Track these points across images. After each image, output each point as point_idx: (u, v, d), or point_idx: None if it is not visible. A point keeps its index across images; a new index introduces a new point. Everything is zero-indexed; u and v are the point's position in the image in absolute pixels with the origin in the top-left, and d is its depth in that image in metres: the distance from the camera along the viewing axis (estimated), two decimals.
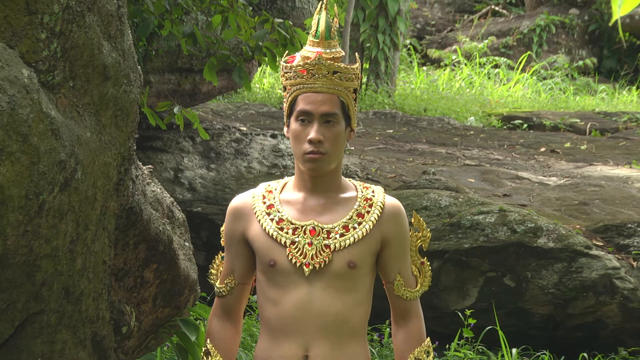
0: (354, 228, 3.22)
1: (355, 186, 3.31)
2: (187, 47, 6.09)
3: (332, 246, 3.20)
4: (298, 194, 3.28)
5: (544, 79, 18.46)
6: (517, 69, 18.36)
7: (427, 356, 3.26)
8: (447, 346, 6.62)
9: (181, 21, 6.27)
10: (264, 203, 3.29)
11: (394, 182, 9.07)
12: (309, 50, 3.22)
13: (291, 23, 5.99)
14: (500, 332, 6.51)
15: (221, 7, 5.78)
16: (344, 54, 3.25)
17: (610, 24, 4.88)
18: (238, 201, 3.35)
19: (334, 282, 3.20)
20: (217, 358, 3.35)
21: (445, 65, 19.17)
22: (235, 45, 7.69)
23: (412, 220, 3.38)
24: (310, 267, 3.19)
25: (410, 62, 19.54)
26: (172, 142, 9.07)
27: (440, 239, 7.13)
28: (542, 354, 6.74)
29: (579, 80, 18.84)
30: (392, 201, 3.30)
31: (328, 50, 3.21)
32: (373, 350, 6.51)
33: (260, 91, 15.83)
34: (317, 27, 3.23)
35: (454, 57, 19.36)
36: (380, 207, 3.25)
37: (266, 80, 16.56)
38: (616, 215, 7.98)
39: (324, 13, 3.24)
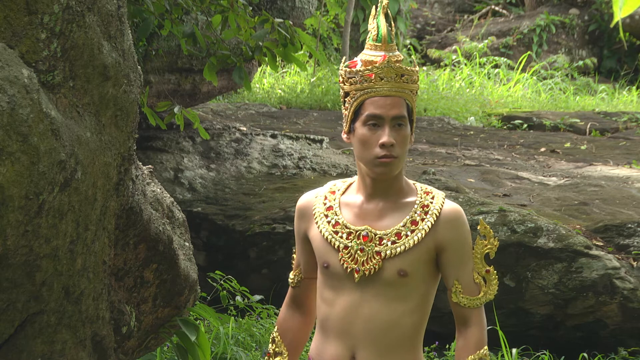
0: (406, 236, 3.20)
1: (417, 191, 3.28)
2: (187, 47, 6.09)
3: (382, 253, 3.19)
4: (358, 197, 3.27)
5: (544, 79, 18.46)
6: (517, 69, 18.36)
7: None
8: (447, 346, 6.62)
9: (181, 21, 6.28)
10: (325, 204, 3.31)
11: None
12: (372, 54, 3.21)
13: (291, 23, 5.99)
14: (500, 332, 6.51)
15: (221, 7, 5.78)
16: (402, 56, 3.24)
17: (612, 25, 4.88)
18: (303, 200, 3.38)
19: (384, 289, 3.19)
20: (282, 347, 3.41)
21: (445, 65, 19.17)
22: (235, 45, 7.69)
23: (479, 227, 3.33)
24: (360, 274, 3.19)
25: (410, 62, 19.53)
26: (172, 142, 9.07)
27: None
28: (542, 354, 6.74)
29: (579, 80, 18.84)
30: (450, 207, 3.25)
31: (391, 54, 3.21)
32: None
33: (260, 91, 15.83)
34: (378, 31, 3.22)
35: (454, 57, 19.36)
36: (436, 214, 3.21)
37: (266, 80, 16.56)
38: (616, 215, 7.99)
39: (382, 17, 3.23)
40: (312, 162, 9.37)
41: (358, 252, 3.20)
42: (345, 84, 3.25)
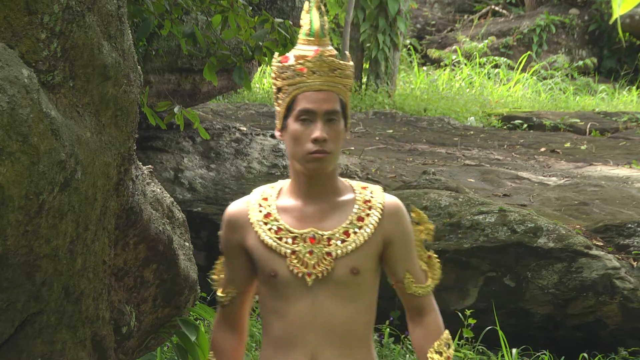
0: (355, 233, 3.12)
1: (353, 187, 3.20)
2: (187, 47, 6.09)
3: (333, 254, 3.11)
4: (295, 200, 3.16)
5: (544, 79, 18.47)
6: (517, 69, 18.36)
7: (448, 348, 3.24)
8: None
9: (181, 21, 6.28)
10: (260, 212, 3.17)
11: (394, 182, 9.07)
12: (305, 49, 3.13)
13: (291, 23, 5.99)
14: (500, 332, 6.51)
15: (221, 7, 5.78)
16: (335, 52, 3.15)
17: (610, 22, 4.88)
18: (233, 210, 3.23)
19: (338, 290, 3.11)
20: None
21: (445, 65, 19.17)
22: (235, 45, 7.69)
23: (412, 215, 3.26)
24: (313, 277, 3.10)
25: (410, 62, 19.55)
26: (172, 142, 9.07)
27: (440, 239, 7.13)
28: (542, 354, 6.74)
29: (579, 80, 18.84)
30: (391, 200, 3.19)
31: (324, 48, 3.13)
32: None
33: (260, 91, 15.84)
34: (311, 26, 3.14)
35: (454, 57, 19.36)
36: (380, 208, 3.15)
37: (266, 80, 16.56)
38: (616, 215, 7.98)
39: (314, 11, 3.15)
40: None
41: (307, 255, 3.10)
42: (277, 80, 3.17)
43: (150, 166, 4.36)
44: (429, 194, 7.62)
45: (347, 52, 3.37)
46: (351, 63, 3.17)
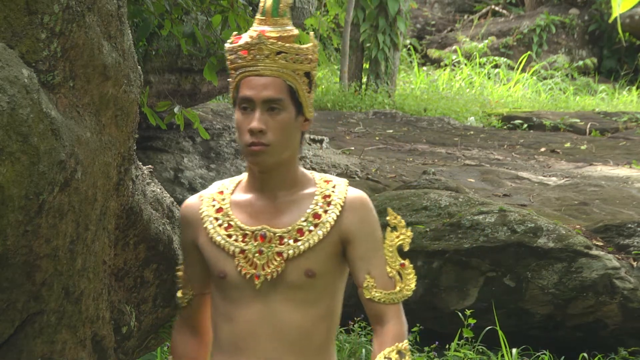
0: (310, 231, 2.82)
1: (315, 181, 2.89)
2: (187, 47, 6.09)
3: (284, 254, 2.81)
4: (248, 195, 2.89)
5: (544, 79, 18.47)
6: (517, 69, 18.36)
7: (402, 357, 2.86)
8: (447, 346, 6.62)
9: (181, 21, 6.27)
10: (213, 206, 2.91)
11: (394, 182, 9.07)
12: (254, 30, 2.83)
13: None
14: (500, 332, 6.51)
15: (221, 7, 5.78)
16: (295, 33, 2.84)
17: (610, 20, 4.87)
18: (187, 205, 2.98)
19: (292, 293, 2.81)
20: None
21: (445, 65, 19.18)
22: None
23: (388, 219, 2.97)
24: (261, 279, 2.81)
25: (410, 62, 19.55)
26: (172, 142, 9.07)
27: (440, 239, 7.13)
28: (542, 354, 6.74)
29: (579, 80, 18.85)
30: (354, 195, 2.88)
31: (273, 29, 2.81)
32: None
33: None
34: (264, 4, 2.85)
35: (454, 57, 19.37)
36: (340, 204, 2.84)
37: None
38: (616, 215, 7.99)
39: None
40: (312, 162, 9.37)
41: (256, 255, 2.82)
42: (227, 62, 2.91)
43: (150, 166, 4.36)
44: (429, 194, 7.62)
45: (311, 34, 2.99)
46: (307, 45, 2.85)
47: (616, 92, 18.01)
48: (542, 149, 11.85)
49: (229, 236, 2.85)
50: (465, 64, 18.73)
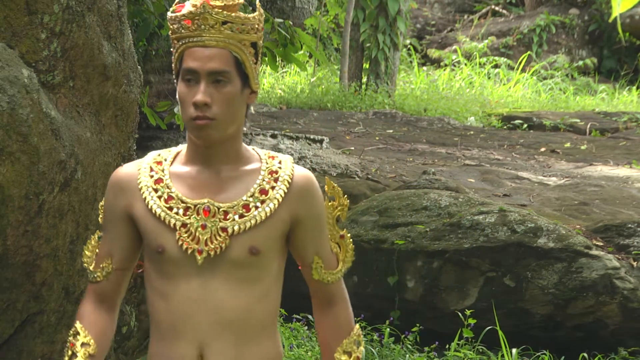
0: (256, 207, 2.69)
1: (260, 156, 2.77)
2: None
3: (229, 229, 2.68)
4: (191, 167, 2.73)
5: (544, 79, 18.48)
6: (517, 69, 18.37)
7: (358, 347, 2.84)
8: (447, 346, 6.62)
9: None
10: (152, 177, 2.74)
11: (394, 182, 9.07)
12: None
13: (291, 23, 5.99)
14: (500, 332, 6.51)
15: None
16: (240, 1, 2.71)
17: (610, 20, 4.87)
18: (122, 172, 2.78)
19: (233, 271, 2.69)
20: (88, 338, 2.79)
21: (445, 65, 19.18)
22: None
23: (326, 188, 2.84)
24: (204, 255, 2.68)
25: (410, 62, 19.55)
26: (172, 142, 9.07)
27: (440, 239, 7.13)
28: (542, 354, 6.74)
29: (579, 80, 18.85)
30: (302, 172, 2.77)
31: None
32: (373, 350, 6.52)
33: (260, 91, 15.84)
34: None
35: (454, 57, 19.37)
36: (288, 181, 2.73)
37: (266, 80, 16.57)
38: (616, 215, 7.99)
39: None
40: (312, 162, 9.37)
41: (199, 229, 2.68)
42: (170, 32, 2.74)
43: None
44: (429, 194, 7.62)
45: (257, 3, 2.80)
46: (253, 15, 2.72)
47: (616, 92, 18.01)
48: (542, 149, 11.86)
49: (170, 208, 2.70)
50: (465, 64, 18.74)
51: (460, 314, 6.71)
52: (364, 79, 15.78)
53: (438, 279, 6.99)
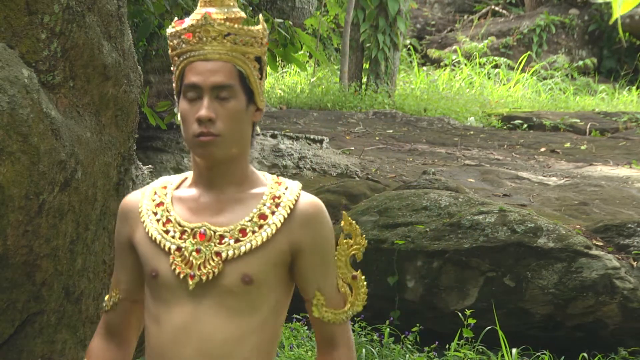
0: (253, 232, 2.55)
1: (266, 181, 2.63)
2: None
3: (223, 254, 2.54)
4: (194, 189, 2.62)
5: (544, 79, 18.48)
6: (517, 69, 18.37)
7: None
8: (447, 346, 6.62)
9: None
10: (154, 200, 2.64)
11: (394, 182, 9.07)
12: (198, 12, 2.59)
13: (291, 23, 5.99)
14: (500, 332, 6.51)
15: None
16: (243, 15, 2.62)
17: (610, 22, 4.87)
18: (127, 200, 2.71)
19: (224, 299, 2.54)
20: None
21: (445, 65, 19.19)
22: None
23: (343, 224, 2.66)
24: (196, 280, 2.54)
25: (410, 62, 19.55)
26: (172, 142, 9.07)
27: (440, 239, 7.13)
28: (542, 354, 6.74)
29: (579, 80, 18.85)
30: (307, 200, 2.60)
31: (219, 10, 2.57)
32: (373, 350, 6.52)
33: None
34: None
35: (454, 57, 19.37)
36: (290, 207, 2.58)
37: (266, 80, 16.56)
38: (616, 215, 7.99)
39: None
40: (312, 162, 9.37)
41: (193, 253, 2.56)
42: (169, 49, 2.64)
43: (150, 166, 4.36)
44: (429, 194, 7.62)
45: (260, 17, 2.73)
46: (257, 27, 2.60)
47: (616, 92, 18.01)
48: (542, 149, 11.86)
49: (166, 232, 2.59)
50: (465, 64, 18.74)
51: (460, 314, 6.71)
52: (364, 79, 15.78)
53: (438, 279, 6.99)
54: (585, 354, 6.70)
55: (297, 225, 2.58)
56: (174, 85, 2.61)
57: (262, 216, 2.56)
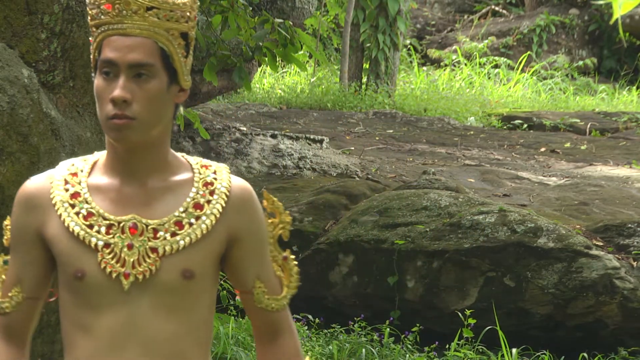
0: (190, 224, 2.36)
1: (191, 165, 2.44)
2: None
3: (160, 250, 2.34)
4: (112, 178, 2.38)
5: (544, 79, 18.48)
6: (517, 69, 18.37)
7: None
8: (447, 346, 6.62)
9: None
10: (67, 190, 2.38)
11: (394, 182, 9.07)
12: None
13: (291, 23, 5.99)
14: (500, 332, 6.51)
15: (221, 7, 5.78)
16: None
17: (611, 22, 4.86)
18: (31, 187, 2.42)
19: (164, 298, 2.35)
20: None
21: (445, 65, 19.18)
22: (235, 46, 7.69)
23: (265, 203, 2.47)
24: (131, 279, 2.33)
25: (410, 62, 19.55)
26: (172, 142, 9.07)
27: (440, 239, 7.13)
28: (542, 354, 6.74)
29: (579, 80, 18.85)
30: (239, 184, 2.44)
31: None
32: (373, 350, 6.52)
33: (260, 91, 15.85)
34: None
35: (454, 57, 19.37)
36: (226, 194, 2.40)
37: (266, 80, 16.58)
38: (616, 215, 7.99)
39: None
40: (312, 162, 9.37)
41: (125, 249, 2.33)
42: (88, 19, 2.39)
43: None
44: (429, 194, 7.62)
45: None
46: (184, 0, 2.38)
47: (616, 92, 18.01)
48: (542, 149, 11.86)
49: (90, 226, 2.35)
50: (465, 64, 18.74)
51: (460, 314, 6.71)
52: (364, 79, 15.78)
53: (438, 279, 6.99)
54: (585, 354, 6.70)
55: (233, 212, 2.40)
56: (91, 57, 2.37)
57: (198, 206, 2.38)
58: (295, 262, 2.48)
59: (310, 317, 6.81)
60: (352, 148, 10.93)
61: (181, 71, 2.36)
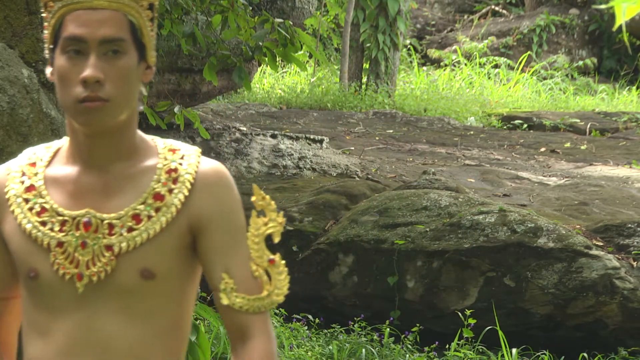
0: (149, 218, 2.11)
1: (157, 151, 2.18)
2: (187, 47, 6.10)
3: (115, 248, 2.11)
4: (71, 167, 2.16)
5: (544, 79, 18.48)
6: (517, 69, 18.37)
7: None
8: (447, 346, 6.62)
9: (181, 21, 6.28)
10: (22, 183, 2.17)
11: (394, 182, 9.07)
12: None
13: (291, 23, 5.99)
14: (500, 332, 6.51)
15: (221, 7, 5.79)
16: None
17: (614, 29, 4.88)
18: None
19: (123, 301, 2.12)
20: None
21: (445, 65, 19.19)
22: (235, 45, 7.69)
23: (254, 198, 2.16)
24: (85, 281, 2.11)
25: (410, 62, 19.56)
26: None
27: (440, 239, 7.13)
28: (542, 354, 6.74)
29: (579, 80, 18.85)
30: (208, 167, 2.16)
31: None
32: (373, 350, 6.52)
33: (260, 91, 15.85)
34: None
35: (454, 57, 19.38)
36: (190, 181, 2.14)
37: (266, 80, 16.58)
38: (616, 215, 7.99)
39: None
40: (312, 162, 9.37)
41: (78, 248, 2.11)
42: None
43: None
44: (429, 194, 7.63)
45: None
46: None
47: (616, 92, 18.01)
48: (542, 149, 11.86)
49: (43, 224, 2.13)
50: (465, 64, 18.74)
51: (460, 314, 6.71)
52: (364, 79, 15.79)
53: (438, 279, 6.99)
54: (585, 354, 6.70)
55: (197, 195, 2.14)
56: (45, 35, 2.13)
57: (158, 196, 2.13)
58: (286, 269, 2.18)
59: (310, 317, 6.81)
60: (352, 148, 10.93)
61: (149, 46, 2.16)
